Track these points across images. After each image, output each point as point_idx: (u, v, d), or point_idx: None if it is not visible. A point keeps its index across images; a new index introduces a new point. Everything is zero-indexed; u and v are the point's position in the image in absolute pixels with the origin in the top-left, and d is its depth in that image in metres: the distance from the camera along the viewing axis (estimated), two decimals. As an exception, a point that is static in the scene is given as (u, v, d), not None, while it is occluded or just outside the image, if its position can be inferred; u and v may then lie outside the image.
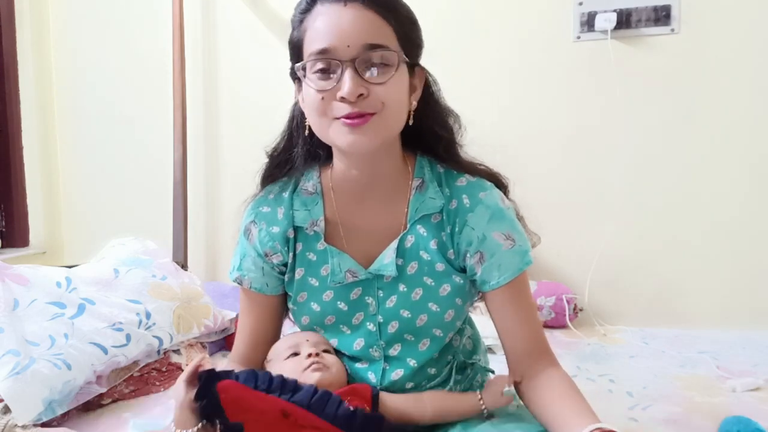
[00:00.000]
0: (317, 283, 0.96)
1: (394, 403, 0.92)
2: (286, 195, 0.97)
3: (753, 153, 1.91)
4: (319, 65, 0.82)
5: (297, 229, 0.96)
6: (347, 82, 0.80)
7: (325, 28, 0.81)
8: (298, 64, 0.86)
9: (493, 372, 1.07)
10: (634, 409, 1.29)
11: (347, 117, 0.82)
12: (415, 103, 0.90)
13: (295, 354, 0.93)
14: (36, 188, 2.46)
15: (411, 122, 0.90)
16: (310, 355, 0.91)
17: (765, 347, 1.70)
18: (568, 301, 1.94)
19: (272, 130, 1.02)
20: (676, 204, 1.98)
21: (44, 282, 1.42)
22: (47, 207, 2.51)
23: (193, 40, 2.33)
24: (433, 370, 0.97)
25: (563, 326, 1.93)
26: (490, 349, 1.63)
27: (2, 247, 2.38)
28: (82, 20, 2.47)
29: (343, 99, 0.81)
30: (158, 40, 2.32)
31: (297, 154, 0.95)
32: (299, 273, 0.97)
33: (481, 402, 0.90)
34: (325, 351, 0.95)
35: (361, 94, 0.81)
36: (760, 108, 1.90)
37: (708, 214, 1.95)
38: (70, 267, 1.58)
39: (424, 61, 0.94)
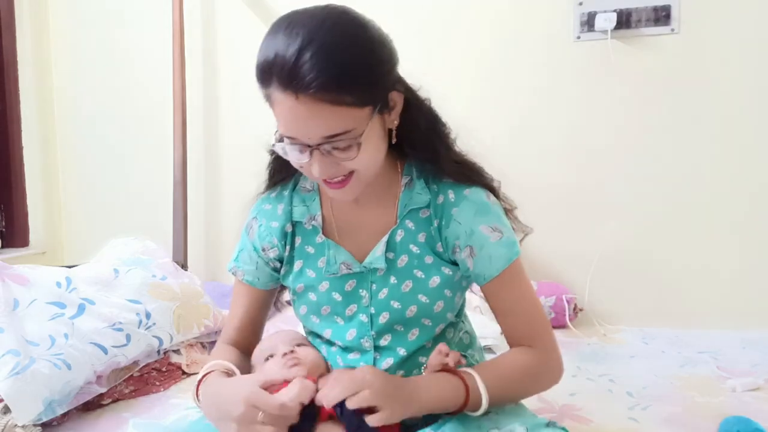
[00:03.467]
0: (314, 275, 1.00)
1: None
2: (286, 193, 1.03)
3: (753, 152, 1.91)
4: (289, 144, 0.84)
5: (295, 224, 1.02)
6: (316, 167, 0.84)
7: (284, 118, 0.82)
8: (275, 132, 0.87)
9: None
10: (634, 409, 1.29)
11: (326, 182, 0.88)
12: (396, 121, 0.91)
13: (272, 356, 0.97)
14: (36, 188, 2.46)
15: (394, 141, 0.91)
16: (285, 355, 0.94)
17: (765, 347, 1.70)
18: (568, 301, 1.94)
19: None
20: (676, 204, 1.98)
21: (44, 282, 1.42)
22: (47, 207, 2.51)
23: (193, 40, 2.33)
24: (424, 359, 0.99)
25: (563, 326, 1.93)
26: (489, 349, 1.63)
27: (2, 247, 2.38)
28: (82, 20, 2.47)
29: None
30: (158, 41, 2.32)
31: None
32: (298, 265, 1.01)
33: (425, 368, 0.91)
34: (300, 345, 0.99)
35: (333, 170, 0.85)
36: (760, 107, 1.89)
37: (708, 213, 1.95)
38: (70, 267, 1.58)
39: (424, 61, 0.93)
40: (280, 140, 0.86)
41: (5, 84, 2.31)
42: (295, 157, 0.85)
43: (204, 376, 0.95)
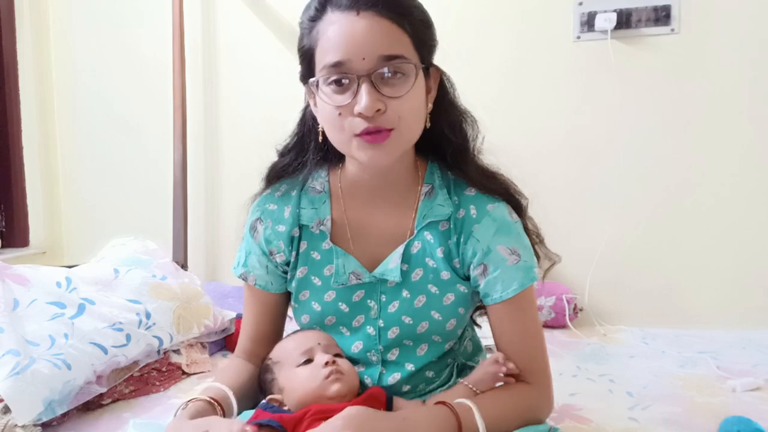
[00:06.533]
0: (320, 283, 0.96)
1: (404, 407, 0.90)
2: (294, 193, 0.97)
3: (753, 152, 1.91)
4: (334, 78, 0.80)
5: (302, 228, 0.96)
6: (364, 97, 0.78)
7: (339, 39, 0.78)
8: (311, 79, 0.84)
9: None
10: (634, 409, 1.29)
11: (366, 132, 0.81)
12: (431, 106, 0.89)
13: (309, 360, 0.90)
14: (36, 188, 2.46)
15: (428, 125, 0.89)
16: (327, 364, 0.87)
17: (765, 347, 1.70)
18: (568, 301, 1.94)
19: (272, 130, 1.02)
20: (675, 204, 1.98)
21: (44, 282, 1.42)
22: (47, 207, 2.51)
23: (193, 40, 2.33)
24: (431, 373, 0.97)
25: (563, 326, 1.93)
26: (489, 349, 1.63)
27: (2, 247, 2.38)
28: (82, 20, 2.46)
29: (360, 114, 0.79)
30: (158, 41, 2.32)
31: (309, 158, 0.95)
32: (302, 272, 0.96)
33: (469, 386, 0.88)
34: (337, 355, 0.92)
35: (379, 109, 0.79)
36: (759, 108, 1.89)
37: (708, 213, 1.95)
38: (70, 267, 1.58)
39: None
40: (317, 88, 0.82)
41: (5, 84, 2.31)
42: (338, 99, 0.80)
43: (188, 402, 0.87)
